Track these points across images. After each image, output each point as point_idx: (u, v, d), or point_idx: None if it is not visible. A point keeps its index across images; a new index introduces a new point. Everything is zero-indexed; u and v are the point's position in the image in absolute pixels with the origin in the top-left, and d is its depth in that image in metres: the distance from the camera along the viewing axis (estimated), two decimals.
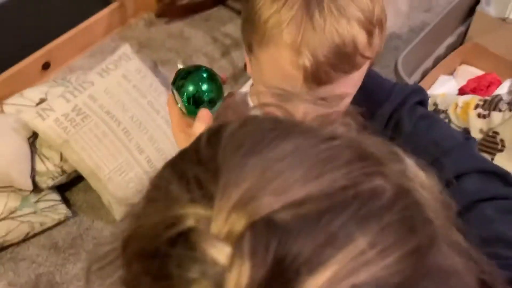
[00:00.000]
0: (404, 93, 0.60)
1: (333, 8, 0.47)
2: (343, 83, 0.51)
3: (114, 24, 1.92)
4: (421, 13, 2.00)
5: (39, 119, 1.34)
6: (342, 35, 0.48)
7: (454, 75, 1.56)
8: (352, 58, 0.49)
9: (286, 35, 0.48)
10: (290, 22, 0.48)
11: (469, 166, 0.53)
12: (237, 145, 0.25)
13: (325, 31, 0.47)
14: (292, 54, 0.48)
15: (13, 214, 1.33)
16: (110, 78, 1.46)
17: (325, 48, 0.47)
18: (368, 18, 0.49)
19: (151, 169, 1.45)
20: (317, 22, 0.47)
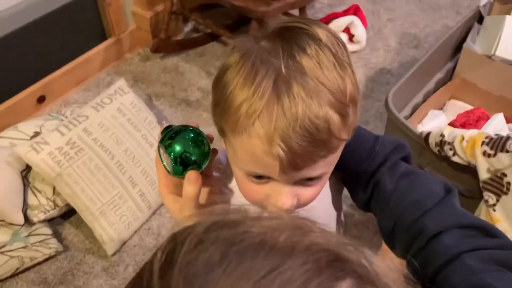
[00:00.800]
0: (385, 151, 0.60)
1: (303, 94, 0.46)
2: (319, 166, 0.50)
3: (110, 58, 1.95)
4: (411, 49, 2.06)
5: (33, 152, 1.34)
6: (315, 122, 0.46)
7: (443, 109, 1.59)
8: (326, 143, 0.48)
9: (258, 125, 0.47)
10: (261, 112, 0.46)
11: (450, 222, 0.54)
12: (189, 283, 0.25)
13: (298, 119, 0.46)
14: (266, 144, 0.47)
15: (2, 248, 1.31)
16: (104, 112, 1.47)
17: (298, 136, 0.46)
18: (340, 99, 0.47)
19: (144, 202, 1.45)
20: (288, 110, 0.45)
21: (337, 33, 0.52)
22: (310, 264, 0.25)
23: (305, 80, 0.46)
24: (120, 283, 1.34)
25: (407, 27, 2.17)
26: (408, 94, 1.44)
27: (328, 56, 0.48)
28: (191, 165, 0.56)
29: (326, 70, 0.47)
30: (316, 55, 0.47)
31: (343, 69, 0.49)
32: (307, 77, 0.46)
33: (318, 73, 0.47)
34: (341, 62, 0.49)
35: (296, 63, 0.47)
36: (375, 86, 1.90)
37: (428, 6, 2.29)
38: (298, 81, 0.46)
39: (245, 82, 0.47)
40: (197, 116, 1.79)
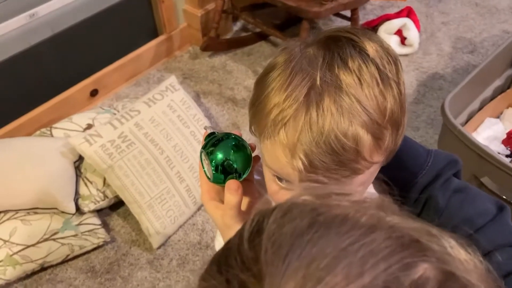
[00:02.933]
0: (438, 166, 0.58)
1: (333, 109, 0.43)
2: (345, 184, 0.47)
3: (160, 55, 1.99)
4: (465, 54, 1.99)
5: (87, 144, 1.38)
6: (341, 141, 0.43)
7: (500, 118, 1.53)
8: (353, 163, 0.45)
9: (283, 134, 0.46)
10: (288, 121, 0.45)
11: (502, 241, 0.53)
12: (277, 247, 0.26)
13: (323, 135, 0.43)
14: (288, 155, 0.46)
15: (55, 235, 1.35)
16: (156, 108, 1.49)
17: (321, 153, 0.44)
18: (376, 120, 0.44)
19: (190, 198, 1.46)
20: (315, 123, 0.44)
21: (391, 49, 0.49)
22: (393, 240, 0.26)
23: (339, 95, 0.44)
24: (164, 277, 1.36)
25: (462, 31, 2.10)
26: (464, 101, 1.39)
27: (372, 72, 0.45)
28: (232, 173, 0.56)
29: (366, 87, 0.44)
30: (358, 70, 0.45)
31: (386, 87, 0.45)
32: (342, 92, 0.44)
33: (356, 90, 0.44)
34: (386, 80, 0.46)
35: (334, 76, 0.45)
36: (427, 91, 1.84)
37: (485, 9, 2.20)
38: (331, 95, 0.44)
39: (280, 87, 0.46)
40: (243, 115, 1.79)
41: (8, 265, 1.30)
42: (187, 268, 1.38)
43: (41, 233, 1.35)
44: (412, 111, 1.76)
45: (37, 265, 1.33)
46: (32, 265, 1.32)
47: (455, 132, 1.19)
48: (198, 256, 1.41)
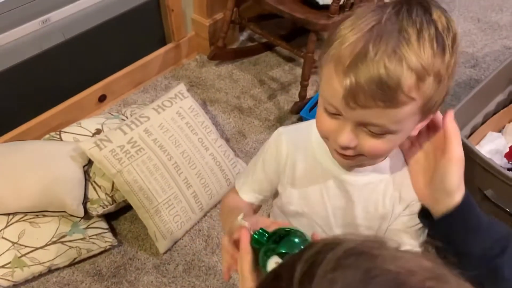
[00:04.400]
0: (504, 239, 0.61)
1: (389, 45, 0.50)
2: (382, 113, 0.53)
3: (168, 63, 2.02)
4: (468, 68, 2.02)
5: (97, 148, 1.40)
6: (388, 69, 0.50)
7: (502, 132, 1.56)
8: (393, 92, 0.51)
9: (342, 54, 0.52)
10: (349, 45, 0.52)
11: None
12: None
13: (374, 61, 0.50)
14: (340, 72, 0.52)
15: (63, 238, 1.37)
16: (165, 114, 1.52)
17: (368, 75, 0.50)
18: (422, 65, 0.50)
19: (197, 204, 1.48)
20: (369, 52, 0.50)
21: (454, 24, 0.55)
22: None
23: (397, 37, 0.50)
24: (170, 282, 1.38)
25: (464, 46, 2.14)
26: (468, 115, 1.42)
27: (431, 31, 0.51)
28: None
29: (422, 39, 0.51)
30: (420, 24, 0.51)
31: (439, 45, 0.51)
32: (401, 35, 0.50)
33: (412, 38, 0.50)
34: (441, 42, 0.52)
35: (398, 21, 0.51)
36: None
37: (487, 25, 2.24)
38: (392, 35, 0.51)
39: (351, 23, 0.53)
40: (249, 123, 1.82)
41: (16, 267, 1.31)
42: (193, 274, 1.40)
43: (50, 235, 1.37)
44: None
45: (44, 267, 1.34)
46: (40, 268, 1.34)
47: None
48: (203, 262, 1.42)
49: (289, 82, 1.98)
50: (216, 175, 1.53)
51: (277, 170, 0.73)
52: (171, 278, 1.39)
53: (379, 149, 0.58)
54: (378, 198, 0.68)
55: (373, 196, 0.68)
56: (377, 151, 0.58)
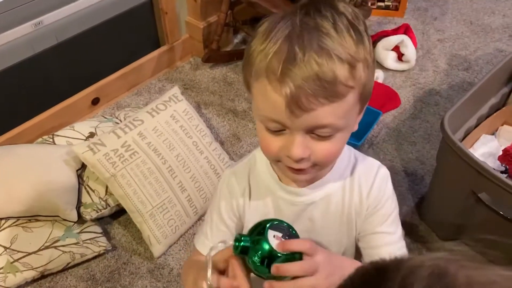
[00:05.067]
0: None
1: (314, 43, 0.51)
2: (327, 112, 0.53)
3: (162, 65, 2.01)
4: (461, 71, 2.03)
5: (90, 152, 1.39)
6: (321, 65, 0.50)
7: (496, 135, 1.57)
8: (332, 86, 0.51)
9: (270, 65, 0.52)
10: (274, 55, 0.52)
11: None
12: None
13: (305, 61, 0.50)
14: (275, 82, 0.52)
15: (56, 243, 1.36)
16: (159, 118, 1.51)
17: (305, 76, 0.50)
18: (350, 54, 0.52)
19: (191, 208, 1.48)
20: (297, 54, 0.50)
21: (359, 14, 0.56)
22: None
23: (317, 33, 0.51)
24: (164, 286, 1.37)
25: (457, 48, 2.15)
26: (462, 118, 1.42)
27: (343, 21, 0.53)
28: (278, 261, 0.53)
29: (340, 31, 0.52)
30: (332, 17, 0.53)
31: (356, 33, 0.53)
32: (320, 32, 0.51)
33: (331, 31, 0.52)
34: (356, 28, 0.53)
35: (311, 20, 0.52)
36: (424, 107, 1.88)
37: (479, 28, 2.26)
38: (311, 33, 0.51)
39: (264, 37, 0.53)
40: (243, 126, 1.82)
41: (9, 272, 1.30)
42: None
43: (43, 240, 1.35)
44: (409, 126, 1.80)
45: (37, 272, 1.33)
46: (33, 273, 1.32)
47: (454, 148, 1.22)
48: None
49: None
50: (211, 179, 1.53)
51: (236, 214, 0.70)
52: (165, 283, 1.38)
53: (332, 151, 0.58)
54: (344, 205, 0.67)
55: (339, 205, 0.67)
56: (331, 155, 0.58)
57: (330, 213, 0.67)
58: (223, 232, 0.70)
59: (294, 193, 0.66)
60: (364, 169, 0.68)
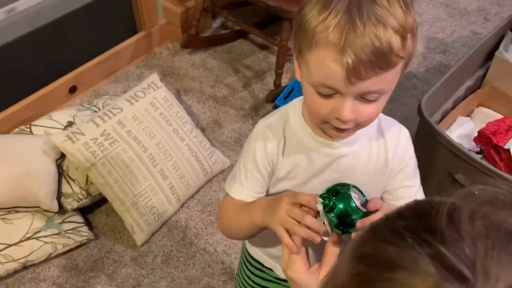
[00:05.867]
0: None
1: (371, 16, 0.54)
2: (379, 80, 0.57)
3: (139, 52, 1.98)
4: (438, 54, 2.06)
5: (69, 142, 1.37)
6: (379, 37, 0.54)
7: (471, 116, 1.60)
8: (388, 57, 0.55)
9: (332, 37, 0.55)
10: (335, 27, 0.55)
11: None
12: None
13: (365, 34, 0.54)
14: (336, 53, 0.55)
15: (37, 234, 1.35)
16: (138, 105, 1.50)
17: (365, 48, 0.54)
18: (402, 25, 0.56)
19: (173, 195, 1.48)
20: (358, 27, 0.54)
21: None
22: None
23: (374, 6, 0.55)
24: (148, 273, 1.38)
25: (434, 31, 2.18)
26: (439, 100, 1.45)
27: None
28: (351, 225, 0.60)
29: (392, 2, 0.56)
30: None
31: (406, 5, 0.57)
32: (376, 4, 0.55)
33: (386, 3, 0.55)
34: (406, 2, 0.57)
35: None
36: (401, 90, 1.91)
37: (455, 11, 2.29)
38: (369, 6, 0.55)
39: (322, 7, 0.56)
40: (224, 113, 1.81)
41: None
42: (171, 265, 1.40)
43: (23, 231, 1.34)
44: (388, 110, 1.81)
45: (19, 264, 1.32)
46: (14, 264, 1.31)
47: (431, 130, 1.25)
48: (182, 252, 1.43)
49: (264, 70, 1.98)
50: (193, 166, 1.53)
51: (270, 163, 0.73)
52: (149, 270, 1.38)
53: (376, 113, 0.62)
54: (370, 160, 0.72)
55: (365, 160, 0.72)
56: (374, 116, 0.63)
57: (357, 166, 0.71)
58: (258, 179, 0.74)
59: (327, 146, 0.70)
60: (389, 128, 0.73)
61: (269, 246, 0.84)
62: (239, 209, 0.74)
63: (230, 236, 0.87)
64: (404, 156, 0.73)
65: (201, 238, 1.45)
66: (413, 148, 0.75)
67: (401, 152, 0.73)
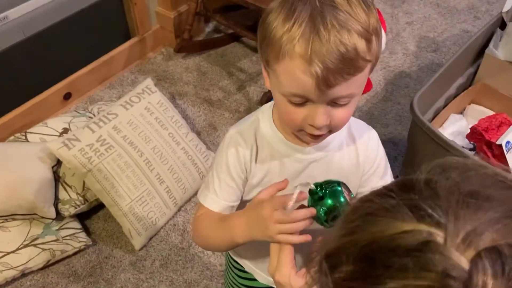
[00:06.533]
0: None
1: (335, 23, 0.54)
2: (349, 84, 0.57)
3: (133, 57, 1.99)
4: (429, 53, 2.08)
5: (65, 148, 1.38)
6: (345, 44, 0.54)
7: (463, 114, 1.62)
8: (355, 62, 0.56)
9: (298, 48, 0.55)
10: (300, 37, 0.54)
11: None
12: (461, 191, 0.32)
13: (330, 42, 0.54)
14: (304, 64, 0.55)
15: (35, 241, 1.35)
16: (133, 110, 1.51)
17: (331, 56, 0.54)
18: (366, 29, 0.56)
19: (170, 199, 1.48)
20: (323, 35, 0.54)
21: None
22: None
23: (336, 12, 0.55)
24: (147, 277, 1.38)
25: (425, 30, 2.20)
26: (431, 99, 1.47)
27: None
28: None
29: (354, 6, 0.56)
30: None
31: (367, 7, 0.57)
32: (338, 10, 0.55)
33: (347, 8, 0.56)
34: (366, 2, 0.58)
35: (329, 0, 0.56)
36: (395, 89, 1.93)
37: (446, 10, 2.31)
38: (331, 13, 0.55)
39: (286, 18, 0.56)
40: (219, 116, 1.82)
41: None
42: (170, 268, 1.40)
43: (21, 239, 1.34)
44: (381, 109, 1.84)
45: (18, 271, 1.32)
46: (13, 272, 1.31)
47: (424, 128, 1.26)
48: (180, 256, 1.43)
49: (258, 73, 1.99)
50: (189, 169, 1.54)
51: (243, 170, 0.73)
52: (148, 274, 1.39)
53: (348, 116, 0.63)
54: (342, 164, 0.72)
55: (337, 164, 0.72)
56: (347, 119, 0.64)
57: (330, 170, 0.72)
58: (233, 188, 0.73)
59: (299, 151, 0.71)
60: (358, 131, 0.74)
61: (250, 250, 0.84)
62: (217, 225, 0.71)
63: (207, 249, 0.86)
64: (375, 158, 0.74)
65: None
66: (383, 149, 0.76)
67: (371, 154, 0.74)
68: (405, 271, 0.29)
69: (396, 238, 0.31)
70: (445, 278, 0.28)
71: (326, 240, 0.37)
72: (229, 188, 0.73)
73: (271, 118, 0.70)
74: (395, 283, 0.29)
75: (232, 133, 0.73)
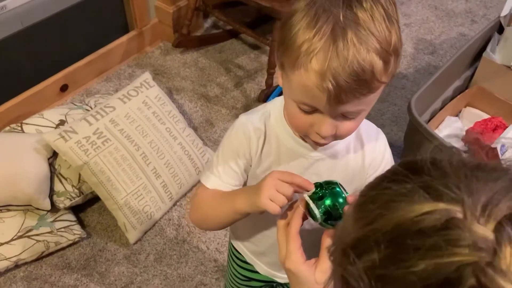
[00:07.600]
0: None
1: (355, 40, 0.53)
2: (360, 102, 0.58)
3: (131, 51, 1.98)
4: (426, 55, 2.10)
5: (62, 140, 1.37)
6: (362, 64, 0.53)
7: (459, 116, 1.63)
8: (369, 83, 0.55)
9: (315, 62, 0.55)
10: (319, 51, 0.54)
11: None
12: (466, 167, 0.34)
13: (348, 61, 0.53)
14: (318, 79, 0.55)
15: (29, 232, 1.34)
16: (131, 104, 1.50)
17: (347, 75, 0.54)
18: (385, 48, 0.55)
19: (166, 194, 1.48)
20: (341, 53, 0.53)
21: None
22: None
23: (358, 29, 0.54)
24: (141, 271, 1.38)
25: (423, 33, 2.21)
26: (428, 100, 1.48)
27: (380, 11, 0.55)
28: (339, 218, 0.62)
29: (377, 23, 0.55)
30: (370, 9, 0.55)
31: (391, 23, 0.56)
32: (360, 27, 0.54)
33: (370, 25, 0.54)
34: (390, 18, 0.56)
35: (353, 14, 0.55)
36: (391, 90, 1.94)
37: (443, 13, 2.32)
38: (353, 29, 0.54)
39: (308, 26, 0.55)
40: (216, 112, 1.82)
41: None
42: (164, 263, 1.40)
43: (15, 230, 1.34)
44: (378, 109, 1.85)
45: (11, 262, 1.31)
46: (6, 263, 1.31)
47: (420, 130, 1.27)
48: (175, 250, 1.43)
49: (255, 70, 2.00)
50: (185, 164, 1.54)
51: (248, 158, 0.74)
52: (142, 268, 1.39)
53: (355, 128, 0.63)
54: (349, 164, 0.73)
55: (343, 163, 0.72)
56: (353, 130, 0.64)
57: (335, 170, 0.72)
58: (236, 173, 0.74)
59: (307, 148, 0.71)
60: (367, 132, 0.74)
61: (252, 242, 0.85)
62: (219, 197, 0.73)
63: (204, 226, 0.85)
64: (381, 160, 0.74)
65: (194, 236, 1.46)
66: (390, 152, 0.76)
67: (378, 157, 0.74)
68: (437, 250, 0.30)
69: (419, 220, 0.32)
70: (476, 251, 0.29)
71: (341, 233, 0.38)
72: (232, 172, 0.74)
73: (282, 112, 0.71)
74: (426, 263, 0.30)
75: (243, 119, 0.73)
